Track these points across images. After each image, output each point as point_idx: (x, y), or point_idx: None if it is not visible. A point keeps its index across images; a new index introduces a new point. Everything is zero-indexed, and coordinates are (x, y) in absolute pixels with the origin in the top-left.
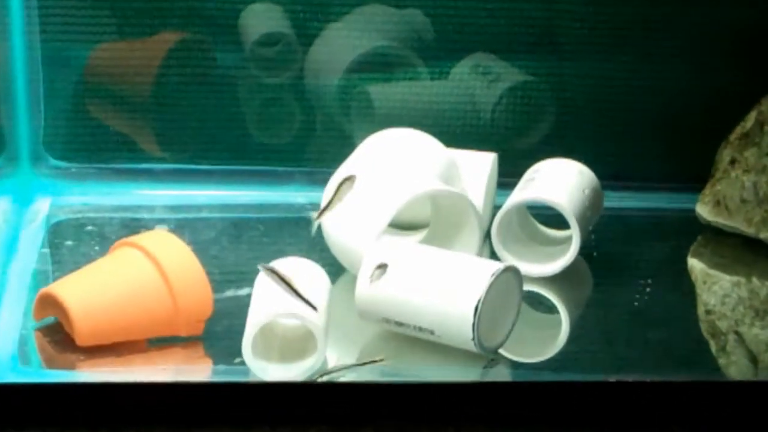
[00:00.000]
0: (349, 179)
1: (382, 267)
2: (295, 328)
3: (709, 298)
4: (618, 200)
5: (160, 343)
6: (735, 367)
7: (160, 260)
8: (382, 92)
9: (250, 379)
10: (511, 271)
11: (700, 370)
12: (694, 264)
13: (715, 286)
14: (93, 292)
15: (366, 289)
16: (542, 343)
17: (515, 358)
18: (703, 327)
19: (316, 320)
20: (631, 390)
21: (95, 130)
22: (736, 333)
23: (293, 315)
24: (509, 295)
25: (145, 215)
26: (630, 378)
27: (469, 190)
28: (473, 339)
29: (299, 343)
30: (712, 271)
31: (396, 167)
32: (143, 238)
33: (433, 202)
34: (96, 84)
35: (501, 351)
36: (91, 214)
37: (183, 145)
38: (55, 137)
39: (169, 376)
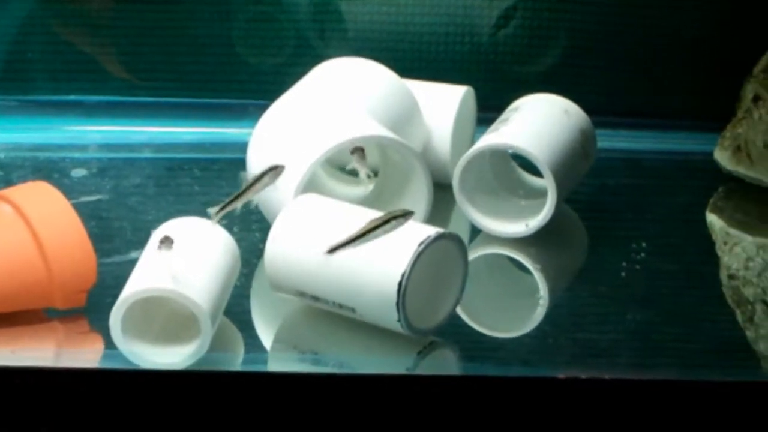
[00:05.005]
0: (276, 169)
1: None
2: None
3: (731, 261)
4: (630, 141)
5: (40, 316)
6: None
7: (31, 217)
8: (350, 11)
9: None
10: (448, 238)
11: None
12: (713, 221)
13: (737, 247)
14: None
15: (274, 254)
16: (502, 324)
17: (460, 343)
18: (728, 293)
19: (196, 298)
20: (588, 389)
21: (14, 54)
22: (765, 303)
23: (160, 291)
24: (449, 267)
25: (66, 156)
26: (584, 375)
27: (434, 133)
28: (399, 320)
29: (189, 322)
30: (733, 231)
31: (329, 107)
32: (15, 190)
33: (380, 150)
34: None
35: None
36: (1, 155)
37: (119, 72)
38: None
39: (28, 360)
